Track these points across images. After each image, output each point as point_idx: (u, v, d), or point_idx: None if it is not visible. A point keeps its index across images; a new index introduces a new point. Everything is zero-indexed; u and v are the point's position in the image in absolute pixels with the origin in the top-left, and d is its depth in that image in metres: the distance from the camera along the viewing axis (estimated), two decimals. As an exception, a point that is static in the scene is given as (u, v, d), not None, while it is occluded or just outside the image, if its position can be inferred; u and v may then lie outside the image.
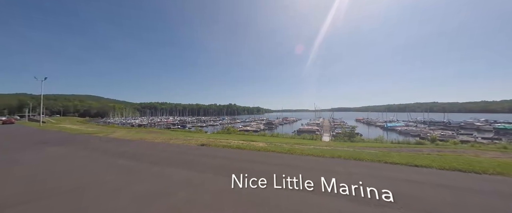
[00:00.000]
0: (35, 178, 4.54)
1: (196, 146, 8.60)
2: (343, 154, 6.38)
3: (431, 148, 10.59)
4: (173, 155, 6.82)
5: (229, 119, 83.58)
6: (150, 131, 18.61)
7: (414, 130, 35.23)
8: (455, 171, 4.69)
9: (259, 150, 7.50)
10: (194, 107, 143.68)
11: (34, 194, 3.64)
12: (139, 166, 5.50)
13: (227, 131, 20.47)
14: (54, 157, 6.83)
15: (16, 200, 3.39)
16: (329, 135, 28.64)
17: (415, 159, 5.75)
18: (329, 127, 41.32)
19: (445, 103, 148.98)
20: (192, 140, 10.34)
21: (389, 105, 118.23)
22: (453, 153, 8.30)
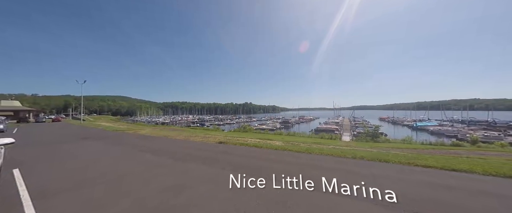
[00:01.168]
0: (82, 169, 5.16)
1: (215, 144, 8.89)
2: (366, 155, 6.00)
3: (471, 151, 9.36)
4: (194, 152, 7.15)
5: (245, 117, 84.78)
6: (172, 129, 19.83)
7: (449, 130, 31.54)
8: (504, 178, 4.07)
9: (276, 149, 7.45)
10: (212, 106, 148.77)
11: (82, 182, 4.15)
12: (164, 161, 5.88)
13: (244, 129, 20.78)
14: (95, 151, 7.68)
15: (69, 186, 3.90)
16: (350, 134, 27.20)
17: (452, 162, 5.13)
18: (350, 126, 39.20)
19: (489, 100, 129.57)
20: (210, 138, 10.71)
21: (419, 103, 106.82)
22: (499, 156, 7.21)
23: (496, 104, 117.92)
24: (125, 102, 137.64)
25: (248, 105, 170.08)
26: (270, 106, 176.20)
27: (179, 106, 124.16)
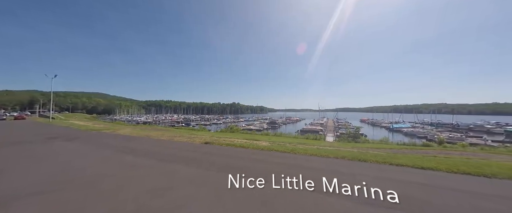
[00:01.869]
0: (45, 172, 4.68)
1: (200, 144, 8.68)
2: (347, 155, 6.31)
3: (438, 151, 10.34)
4: (178, 153, 6.91)
5: (232, 118, 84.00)
6: (155, 129, 18.93)
7: (420, 131, 34.45)
8: (463, 174, 4.57)
9: (263, 149, 7.51)
10: (198, 105, 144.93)
11: (45, 186, 3.76)
12: (145, 162, 5.59)
13: (231, 129, 20.58)
14: (63, 152, 7.03)
15: (31, 190, 3.51)
16: (333, 135, 28.36)
17: (421, 161, 5.63)
18: (333, 128, 40.90)
19: (454, 105, 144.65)
20: (196, 138, 10.44)
21: (395, 106, 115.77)
22: (462, 155, 8.08)
23: (460, 109, 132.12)
24: (102, 99, 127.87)
25: (236, 105, 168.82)
26: (258, 107, 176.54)
27: (163, 105, 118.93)
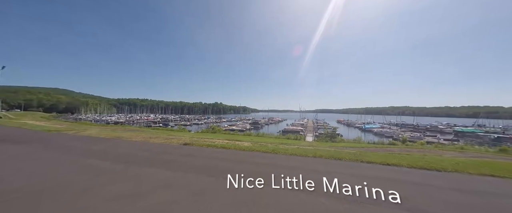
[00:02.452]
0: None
1: (179, 145, 8.28)
2: (324, 154, 6.66)
3: (401, 148, 11.57)
4: (153, 155, 6.47)
5: (214, 118, 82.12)
6: (127, 129, 17.45)
7: (388, 131, 38.21)
8: (421, 169, 5.18)
9: (244, 149, 7.49)
10: (178, 105, 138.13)
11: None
12: (114, 166, 5.11)
13: (212, 130, 20.08)
14: (11, 157, 6.02)
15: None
16: (313, 135, 29.70)
17: (388, 158, 6.23)
18: (313, 128, 42.81)
19: (415, 108, 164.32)
20: (174, 139, 9.93)
21: (368, 108, 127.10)
22: (420, 153, 9.17)
23: (419, 111, 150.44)
24: (64, 96, 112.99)
25: (218, 105, 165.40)
26: (241, 107, 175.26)
27: (138, 104, 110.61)
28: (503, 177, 4.64)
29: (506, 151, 12.00)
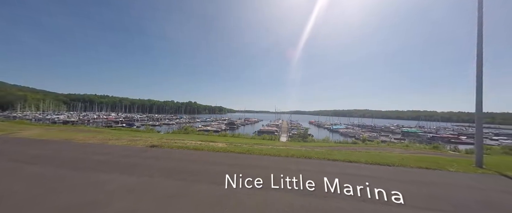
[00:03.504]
0: None
1: (145, 148, 7.56)
2: (296, 153, 7.02)
3: (362, 147, 13.04)
4: (112, 159, 5.75)
5: (187, 118, 78.06)
6: (81, 130, 15.09)
7: (351, 132, 42.61)
8: (376, 165, 5.93)
9: (218, 151, 7.31)
10: (146, 103, 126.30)
11: None
12: (62, 173, 4.36)
13: (185, 131, 19.02)
14: None
15: None
16: (286, 135, 30.97)
17: (350, 156, 6.94)
18: (287, 129, 44.67)
19: (373, 111, 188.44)
20: (139, 141, 9.03)
21: (336, 110, 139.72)
22: (376, 150, 10.50)
23: (376, 114, 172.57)
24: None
25: (192, 104, 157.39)
26: (217, 107, 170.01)
27: (95, 101, 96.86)
28: (434, 168, 5.67)
29: (437, 148, 14.78)
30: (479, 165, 6.14)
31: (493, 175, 5.31)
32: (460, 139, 34.45)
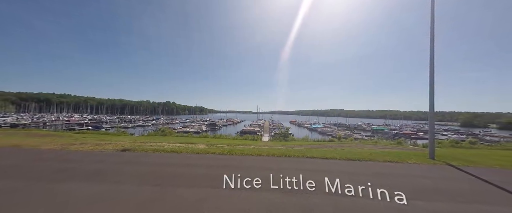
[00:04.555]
0: None
1: (115, 152, 6.93)
2: (277, 153, 7.19)
3: (337, 144, 13.96)
4: (75, 166, 5.14)
5: (165, 119, 73.81)
6: (34, 134, 13.10)
7: (328, 130, 45.30)
8: (348, 160, 6.42)
9: (198, 152, 7.08)
10: (117, 103, 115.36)
11: None
12: (9, 184, 3.73)
13: (162, 132, 17.92)
14: None
15: None
16: (268, 135, 31.46)
17: (326, 153, 7.39)
18: (269, 128, 45.41)
19: (347, 110, 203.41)
20: (109, 145, 8.24)
21: (315, 110, 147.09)
22: (349, 147, 11.36)
23: (350, 113, 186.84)
24: None
25: (171, 104, 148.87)
26: (197, 107, 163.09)
27: (53, 100, 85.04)
28: (396, 161, 6.38)
29: (401, 143, 16.64)
30: (431, 157, 7.10)
31: (442, 165, 6.20)
32: (418, 135, 39.30)
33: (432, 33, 7.53)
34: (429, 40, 7.57)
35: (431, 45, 7.52)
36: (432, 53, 7.51)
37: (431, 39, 7.51)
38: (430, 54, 7.53)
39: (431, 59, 7.51)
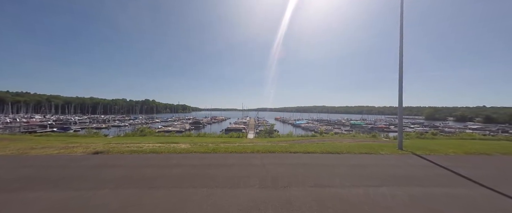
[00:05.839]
0: None
1: (85, 155, 6.32)
2: (261, 149, 7.27)
3: (319, 139, 14.61)
4: (35, 173, 4.56)
5: (145, 118, 69.57)
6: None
7: (311, 126, 47.23)
8: (328, 153, 6.77)
9: (181, 152, 6.82)
10: (87, 101, 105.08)
11: None
12: None
13: (141, 132, 16.86)
14: None
15: None
16: (254, 132, 31.65)
17: (308, 147, 7.69)
18: (254, 125, 45.66)
19: (328, 107, 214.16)
20: (78, 148, 7.49)
21: (299, 107, 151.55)
22: (330, 141, 11.97)
23: (331, 110, 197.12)
24: None
25: (150, 102, 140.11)
26: (180, 105, 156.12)
27: (7, 99, 74.34)
28: (370, 153, 6.91)
29: (375, 136, 18.07)
30: (400, 148, 7.84)
31: (408, 155, 6.89)
32: (390, 129, 43.12)
33: (401, 38, 8.24)
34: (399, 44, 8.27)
35: (400, 49, 8.24)
36: (401, 55, 8.23)
37: (400, 45, 8.23)
38: (399, 57, 8.25)
39: (400, 60, 8.23)
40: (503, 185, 3.95)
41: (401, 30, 8.24)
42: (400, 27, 8.24)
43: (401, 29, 8.23)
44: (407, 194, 3.50)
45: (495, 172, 5.04)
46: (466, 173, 4.72)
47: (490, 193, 3.69)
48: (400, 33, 8.25)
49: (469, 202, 3.25)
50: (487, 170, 5.21)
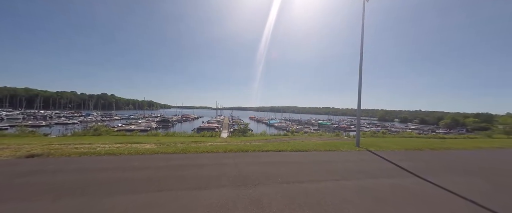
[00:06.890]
0: None
1: (16, 160, 5.13)
2: (234, 148, 7.21)
3: (290, 137, 15.38)
4: None
5: (101, 114, 60.81)
6: None
7: (284, 125, 49.25)
8: (297, 151, 7.18)
9: (144, 153, 6.19)
10: (20, 93, 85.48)
11: None
12: None
13: (95, 131, 14.63)
14: None
15: None
16: (228, 131, 31.15)
17: (280, 146, 8.00)
18: (228, 124, 44.97)
19: (300, 107, 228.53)
20: (5, 150, 6.03)
21: (273, 107, 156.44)
22: (300, 140, 12.73)
23: (302, 110, 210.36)
24: None
25: (108, 97, 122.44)
26: (145, 102, 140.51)
27: None
28: (334, 150, 7.64)
29: (338, 135, 20.05)
30: (357, 145, 8.90)
31: (364, 151, 7.87)
32: (351, 128, 48.58)
33: (361, 48, 9.35)
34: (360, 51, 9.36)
35: (360, 57, 9.35)
36: (360, 64, 9.34)
37: (360, 53, 9.34)
38: (359, 64, 9.35)
39: (360, 68, 9.34)
40: (427, 174, 4.92)
41: (361, 46, 9.35)
42: (361, 45, 9.34)
43: (362, 44, 9.35)
44: (361, 186, 4.00)
45: (423, 164, 6.21)
46: (405, 166, 5.68)
47: (418, 180, 4.54)
48: (361, 50, 9.35)
49: (404, 188, 3.94)
50: (417, 162, 6.37)
